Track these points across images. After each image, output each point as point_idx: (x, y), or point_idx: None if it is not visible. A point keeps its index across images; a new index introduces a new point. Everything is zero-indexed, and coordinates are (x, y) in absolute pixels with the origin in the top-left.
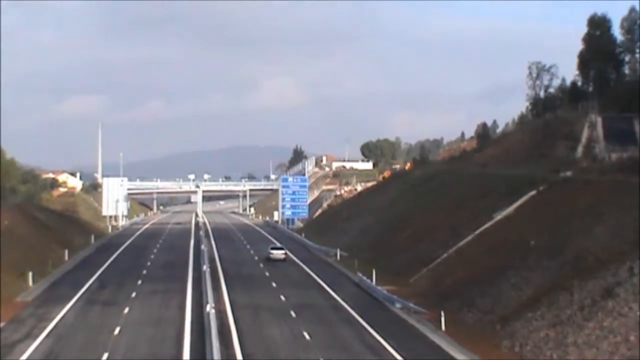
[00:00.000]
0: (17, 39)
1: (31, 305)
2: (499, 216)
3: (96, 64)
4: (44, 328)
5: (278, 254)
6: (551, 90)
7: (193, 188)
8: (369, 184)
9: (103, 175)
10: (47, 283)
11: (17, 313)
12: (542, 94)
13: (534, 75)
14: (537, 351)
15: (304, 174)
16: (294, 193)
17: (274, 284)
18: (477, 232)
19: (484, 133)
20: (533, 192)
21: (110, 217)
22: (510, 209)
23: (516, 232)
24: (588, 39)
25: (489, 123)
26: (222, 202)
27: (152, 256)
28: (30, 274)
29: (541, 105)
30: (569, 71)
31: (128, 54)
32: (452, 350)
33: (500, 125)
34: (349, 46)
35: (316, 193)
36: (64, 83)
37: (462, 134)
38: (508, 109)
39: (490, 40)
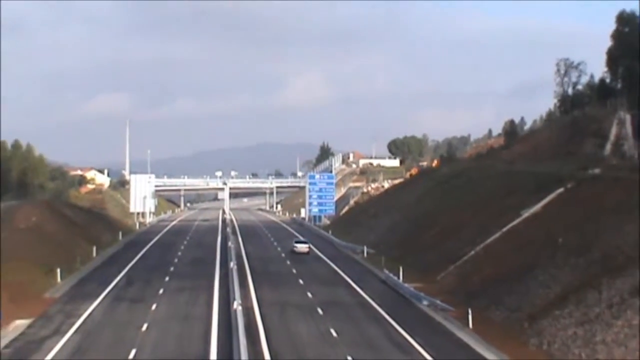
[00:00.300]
0: (44, 38)
1: (59, 302)
2: (526, 214)
3: (123, 62)
4: (72, 324)
5: (302, 247)
6: (579, 87)
7: (220, 185)
8: (396, 181)
9: (131, 172)
10: (75, 279)
11: (46, 309)
12: (570, 91)
13: (562, 72)
14: (565, 349)
15: (331, 171)
16: (320, 190)
17: (300, 281)
18: (505, 229)
19: (511, 130)
20: (561, 190)
21: (138, 213)
22: (538, 207)
23: (544, 230)
24: (617, 36)
25: (517, 120)
26: (245, 200)
27: (180, 253)
28: (59, 270)
29: (569, 103)
30: (597, 68)
31: (155, 52)
32: (479, 348)
33: (528, 122)
34: (376, 44)
35: (343, 190)
36: (91, 81)
37: (490, 131)
38: (536, 106)
39: (518, 38)
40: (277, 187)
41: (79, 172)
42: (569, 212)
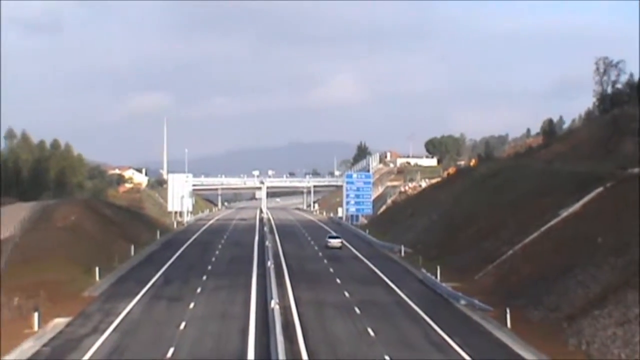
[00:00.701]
0: (83, 37)
1: (98, 300)
2: (565, 213)
3: (161, 61)
4: (111, 323)
5: (335, 242)
6: (619, 85)
7: (257, 184)
8: (434, 181)
9: (168, 171)
10: (114, 278)
11: (84, 308)
12: (609, 89)
13: (601, 70)
14: (605, 350)
15: (368, 170)
16: (358, 189)
17: (338, 280)
18: (543, 229)
19: (550, 129)
20: (600, 189)
21: (176, 213)
22: (576, 206)
23: (583, 229)
24: None
25: (555, 119)
26: (278, 200)
27: (217, 252)
28: (97, 269)
29: (608, 101)
30: (637, 66)
31: (192, 50)
32: (517, 348)
33: (567, 121)
34: (414, 43)
35: (380, 189)
36: (129, 80)
37: (528, 130)
38: (575, 105)
39: (556, 36)
40: (315, 186)
41: (117, 171)
42: (608, 211)
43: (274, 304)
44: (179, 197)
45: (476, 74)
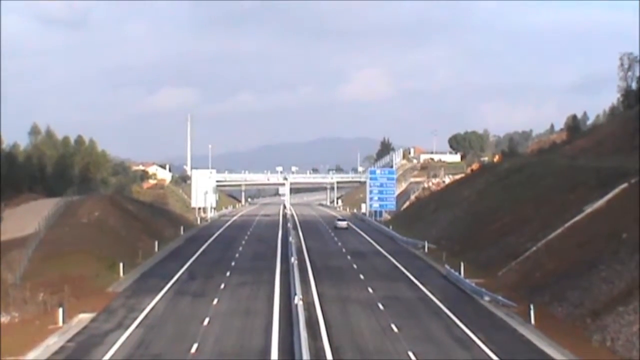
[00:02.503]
0: (109, 33)
1: (122, 296)
2: (589, 209)
3: (186, 56)
4: (135, 318)
5: (342, 223)
6: None
7: (281, 180)
8: (457, 177)
9: (192, 168)
10: (138, 274)
11: (109, 303)
12: (634, 85)
13: (626, 66)
14: (630, 346)
15: (391, 166)
16: (381, 185)
17: (361, 276)
18: (567, 225)
19: (574, 125)
20: (624, 185)
21: (199, 208)
22: (601, 202)
23: (607, 225)
24: None
25: (579, 115)
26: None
27: (241, 248)
28: (121, 264)
29: (633, 97)
30: None
31: (218, 46)
32: (541, 344)
33: (591, 117)
34: (438, 38)
35: (404, 185)
36: (155, 76)
37: (552, 126)
38: (599, 100)
39: (581, 31)
40: (338, 182)
41: (141, 168)
42: (633, 207)
43: (298, 300)
44: (203, 193)
45: (501, 69)
